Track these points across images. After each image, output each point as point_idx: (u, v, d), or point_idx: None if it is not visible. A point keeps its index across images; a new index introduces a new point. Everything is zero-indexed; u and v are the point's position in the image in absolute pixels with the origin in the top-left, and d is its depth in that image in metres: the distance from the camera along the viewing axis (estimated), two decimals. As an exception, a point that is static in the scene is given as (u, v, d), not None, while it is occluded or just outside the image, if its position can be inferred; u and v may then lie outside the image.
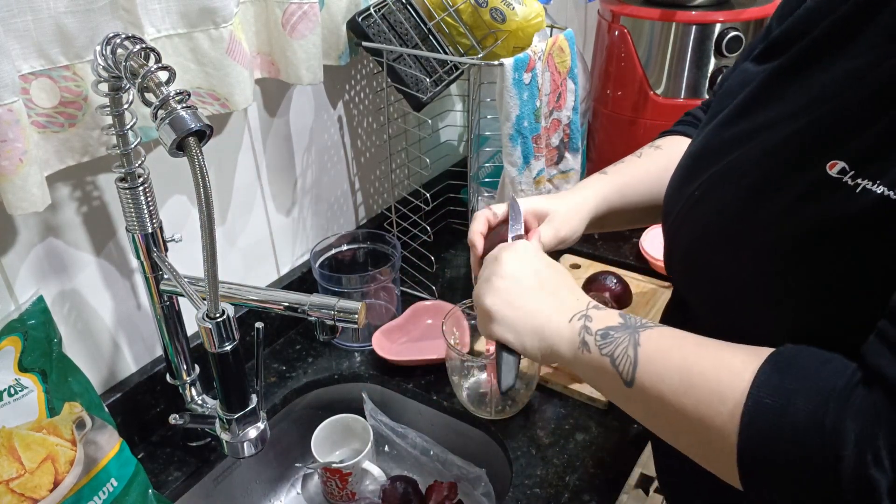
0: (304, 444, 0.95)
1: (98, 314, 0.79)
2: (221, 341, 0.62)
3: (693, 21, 1.10)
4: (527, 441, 0.84)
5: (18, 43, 0.60)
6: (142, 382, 0.83)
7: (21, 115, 0.58)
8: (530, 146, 0.93)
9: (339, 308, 0.70)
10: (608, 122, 1.24)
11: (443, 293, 1.09)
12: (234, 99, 0.76)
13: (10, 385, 0.66)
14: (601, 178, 0.78)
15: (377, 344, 0.96)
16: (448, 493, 0.85)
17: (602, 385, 0.55)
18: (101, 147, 0.69)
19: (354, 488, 0.90)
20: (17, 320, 0.69)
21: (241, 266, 0.96)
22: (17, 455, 0.63)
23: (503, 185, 0.94)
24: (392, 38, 0.94)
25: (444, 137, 1.25)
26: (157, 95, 0.53)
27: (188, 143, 0.52)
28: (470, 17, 0.98)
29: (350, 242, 1.06)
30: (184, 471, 0.81)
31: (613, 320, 0.54)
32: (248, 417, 0.68)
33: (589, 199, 0.75)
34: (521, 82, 0.88)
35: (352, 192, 1.12)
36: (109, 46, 0.57)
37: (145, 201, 0.68)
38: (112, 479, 0.67)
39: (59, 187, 0.71)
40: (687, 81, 1.13)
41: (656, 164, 0.77)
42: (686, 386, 0.47)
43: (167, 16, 0.70)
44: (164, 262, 0.70)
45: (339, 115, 1.04)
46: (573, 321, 0.56)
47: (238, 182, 0.91)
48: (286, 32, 0.80)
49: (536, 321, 0.59)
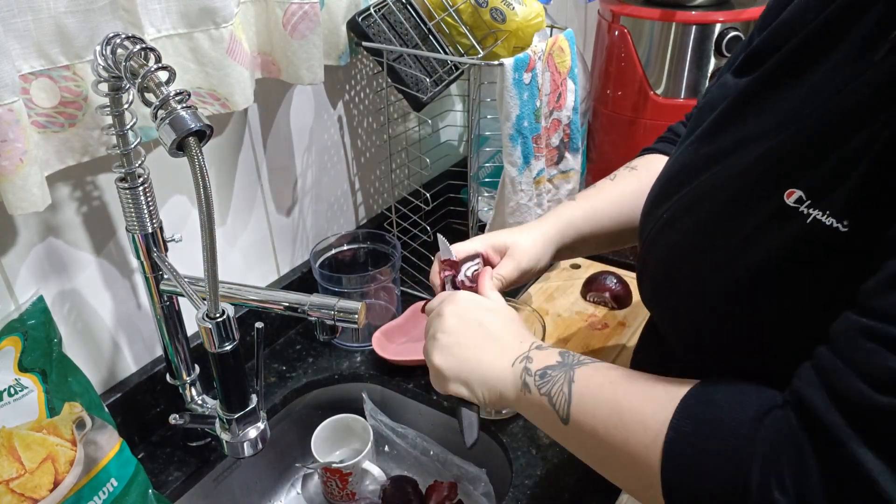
0: (304, 444, 0.95)
1: (98, 314, 0.79)
2: (221, 341, 0.62)
3: (693, 21, 1.10)
4: (527, 441, 0.84)
5: (18, 43, 0.60)
6: (142, 382, 0.83)
7: (21, 115, 0.58)
8: (530, 146, 0.93)
9: (339, 308, 0.70)
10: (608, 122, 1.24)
11: (443, 293, 1.09)
12: (234, 99, 0.76)
13: (10, 385, 0.66)
14: (568, 206, 0.78)
15: (377, 344, 0.96)
16: (448, 493, 0.85)
17: (544, 424, 0.56)
18: (101, 147, 0.69)
19: (354, 488, 0.90)
20: (17, 320, 0.69)
21: (241, 266, 0.96)
22: (17, 455, 0.63)
23: (503, 185, 0.94)
24: (392, 38, 0.94)
25: (444, 137, 1.25)
26: (157, 95, 0.53)
27: (188, 143, 0.52)
28: (470, 17, 0.98)
29: (350, 242, 1.06)
30: (184, 471, 0.81)
31: (552, 359, 0.56)
32: (248, 417, 0.68)
33: (552, 227, 0.75)
34: (521, 82, 0.88)
35: (352, 192, 1.12)
36: (109, 46, 0.57)
37: (145, 201, 0.68)
38: (112, 479, 0.67)
39: (59, 187, 0.71)
40: (687, 81, 1.13)
41: (629, 186, 0.77)
42: (616, 420, 0.48)
43: (167, 16, 0.70)
44: (164, 262, 0.70)
45: (339, 115, 1.04)
46: (515, 364, 0.57)
47: (238, 182, 0.91)
48: (287, 32, 0.80)
49: (483, 370, 0.59)
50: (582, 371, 0.53)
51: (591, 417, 0.50)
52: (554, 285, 1.10)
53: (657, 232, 0.57)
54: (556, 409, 0.52)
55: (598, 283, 1.05)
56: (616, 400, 0.49)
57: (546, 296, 1.08)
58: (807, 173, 0.44)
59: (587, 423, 0.50)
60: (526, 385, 0.55)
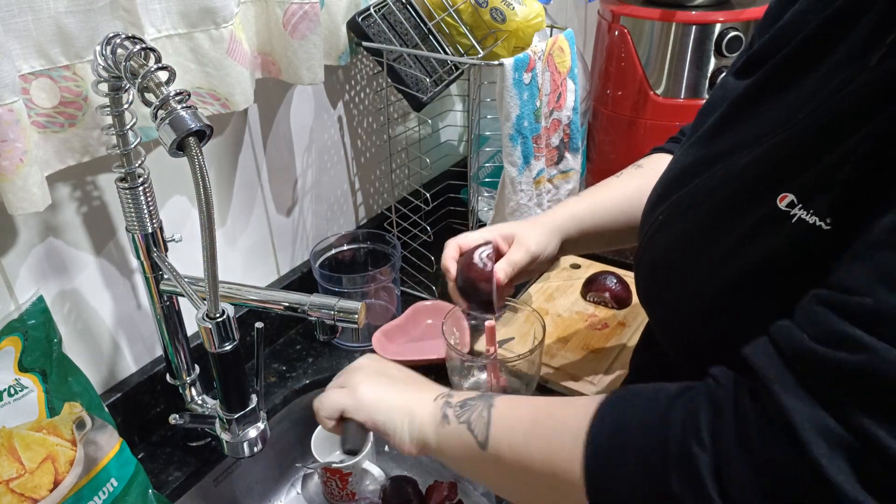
0: (304, 444, 0.95)
1: (98, 314, 0.79)
2: (221, 341, 0.62)
3: (693, 21, 1.10)
4: (527, 441, 0.84)
5: (18, 43, 0.60)
6: (142, 382, 0.83)
7: (21, 115, 0.58)
8: (530, 146, 0.93)
9: (339, 308, 0.70)
10: (608, 122, 1.24)
11: (443, 293, 1.09)
12: (234, 99, 0.76)
13: (10, 385, 0.66)
14: (572, 200, 0.80)
15: (377, 344, 0.96)
16: (448, 493, 0.85)
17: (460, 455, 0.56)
18: (101, 147, 0.69)
19: (354, 488, 0.90)
20: (17, 320, 0.69)
21: (241, 266, 0.96)
22: (17, 455, 0.63)
23: (503, 185, 0.94)
24: (392, 38, 0.94)
25: (444, 137, 1.25)
26: (157, 95, 0.53)
27: (188, 143, 0.52)
28: (470, 17, 0.98)
29: (350, 242, 1.06)
30: (184, 471, 0.81)
31: (472, 394, 0.58)
32: (248, 417, 0.69)
33: (557, 217, 0.77)
34: (521, 82, 0.88)
35: (352, 192, 1.12)
36: (109, 46, 0.57)
37: (145, 201, 0.68)
38: (112, 479, 0.67)
39: (59, 187, 0.71)
40: (687, 81, 1.13)
41: (632, 184, 0.78)
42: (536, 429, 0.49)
43: (167, 16, 0.70)
44: (164, 262, 0.70)
45: (339, 115, 1.04)
46: (437, 399, 0.59)
47: (238, 182, 0.91)
48: (287, 32, 0.80)
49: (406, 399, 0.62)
50: (503, 398, 0.55)
51: (510, 432, 0.51)
52: (554, 285, 1.10)
53: (653, 233, 0.57)
54: (476, 434, 0.53)
55: (598, 283, 1.05)
56: (536, 411, 0.50)
57: (546, 296, 1.08)
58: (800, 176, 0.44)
59: (506, 439, 0.51)
60: (445, 417, 0.57)
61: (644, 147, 1.19)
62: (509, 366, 0.87)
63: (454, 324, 0.91)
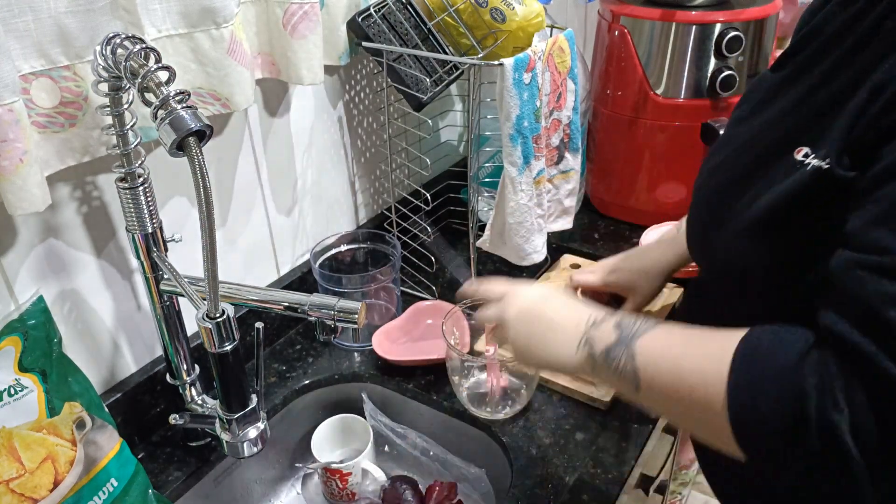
0: (304, 444, 0.95)
1: (98, 314, 0.79)
2: (221, 341, 0.62)
3: (693, 21, 1.10)
4: (527, 441, 0.84)
5: (19, 43, 0.60)
6: (142, 382, 0.83)
7: (21, 115, 0.58)
8: (530, 146, 0.93)
9: (339, 308, 0.70)
10: (608, 122, 1.24)
11: (443, 293, 1.09)
12: (234, 99, 0.76)
13: (10, 385, 0.66)
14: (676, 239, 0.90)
15: (377, 344, 0.96)
16: (448, 493, 0.85)
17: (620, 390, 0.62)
18: (101, 147, 0.69)
19: (354, 488, 0.90)
20: (17, 320, 0.69)
21: (241, 266, 0.96)
22: (17, 455, 0.63)
23: (503, 185, 0.94)
24: (392, 38, 0.94)
25: (444, 137, 1.25)
26: (157, 95, 0.53)
27: (188, 143, 0.52)
28: (470, 17, 0.98)
29: (350, 242, 1.06)
30: (184, 471, 0.81)
31: (610, 337, 0.61)
32: (248, 417, 0.69)
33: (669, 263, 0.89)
34: (521, 82, 0.88)
35: (352, 192, 1.12)
36: (109, 46, 0.57)
37: (145, 201, 0.68)
38: (112, 479, 0.67)
39: (59, 187, 0.71)
40: (687, 81, 1.13)
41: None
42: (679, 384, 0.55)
43: (168, 16, 0.70)
44: (164, 262, 0.70)
45: (339, 115, 1.04)
46: (579, 350, 0.63)
47: (238, 182, 0.91)
48: (287, 32, 0.80)
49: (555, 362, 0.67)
50: (640, 343, 0.59)
51: (657, 384, 0.57)
52: (553, 285, 1.10)
53: (705, 179, 0.68)
54: (626, 380, 0.59)
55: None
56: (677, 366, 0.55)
57: (546, 296, 1.07)
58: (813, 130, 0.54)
59: (655, 387, 0.57)
60: (595, 363, 0.62)
61: (644, 147, 1.20)
62: (509, 366, 0.87)
63: (454, 324, 0.91)
